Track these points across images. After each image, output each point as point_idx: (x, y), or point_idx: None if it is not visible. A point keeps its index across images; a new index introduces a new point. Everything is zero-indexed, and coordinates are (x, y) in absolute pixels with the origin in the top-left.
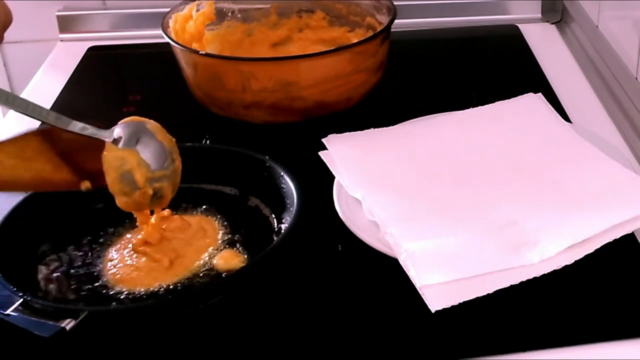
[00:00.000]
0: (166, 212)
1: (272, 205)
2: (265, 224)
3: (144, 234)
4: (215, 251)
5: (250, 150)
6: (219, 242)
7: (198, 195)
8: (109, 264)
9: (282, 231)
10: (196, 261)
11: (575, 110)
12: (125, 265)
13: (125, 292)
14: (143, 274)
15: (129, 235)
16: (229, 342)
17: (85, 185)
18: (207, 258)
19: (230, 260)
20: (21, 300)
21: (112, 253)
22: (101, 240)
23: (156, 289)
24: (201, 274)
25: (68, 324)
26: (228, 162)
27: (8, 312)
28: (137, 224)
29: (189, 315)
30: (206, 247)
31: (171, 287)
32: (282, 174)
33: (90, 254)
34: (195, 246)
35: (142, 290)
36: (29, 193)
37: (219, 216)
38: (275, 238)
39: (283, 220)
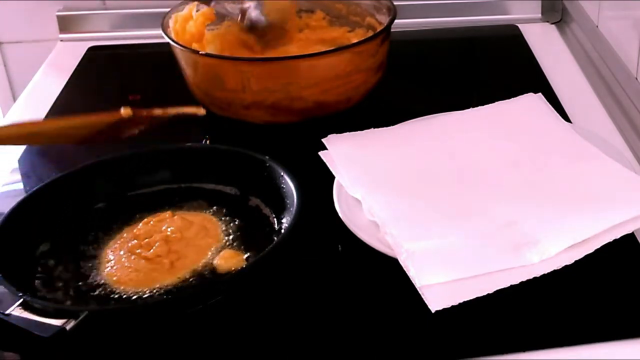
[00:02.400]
0: (167, 213)
1: (272, 205)
2: (265, 224)
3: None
4: (217, 251)
5: (250, 150)
6: (221, 241)
7: (199, 194)
8: (108, 264)
9: (282, 231)
10: (198, 261)
11: (575, 110)
12: (124, 266)
13: (125, 293)
14: (143, 275)
15: (125, 235)
16: (229, 342)
17: (127, 111)
18: (209, 258)
19: (230, 259)
20: (21, 300)
21: (110, 254)
22: (100, 240)
23: (156, 289)
24: (201, 274)
25: (68, 324)
26: (229, 162)
27: (8, 312)
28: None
29: (189, 315)
30: (208, 247)
31: (171, 287)
32: (282, 174)
33: (89, 254)
34: (197, 246)
35: (140, 290)
36: (27, 194)
37: (219, 216)
38: (275, 238)
39: (283, 220)
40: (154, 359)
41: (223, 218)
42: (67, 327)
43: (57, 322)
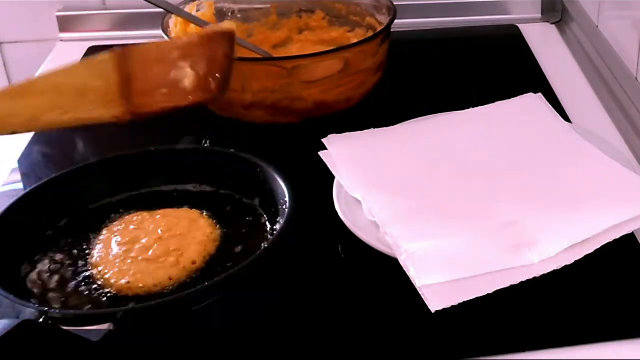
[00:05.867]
0: (145, 214)
1: (266, 207)
2: (260, 225)
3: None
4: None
5: (243, 153)
6: (215, 229)
7: (191, 196)
8: (106, 271)
9: (276, 231)
10: (201, 252)
11: (575, 110)
12: (122, 270)
13: (137, 295)
14: (149, 275)
15: (116, 228)
16: (228, 342)
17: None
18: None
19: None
20: (43, 314)
21: (99, 260)
22: (97, 240)
23: (170, 287)
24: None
25: (110, 327)
26: (222, 164)
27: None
28: None
29: (188, 315)
30: (204, 236)
31: (183, 282)
32: (275, 176)
33: (86, 255)
34: (196, 239)
35: (155, 290)
36: (21, 195)
37: (212, 219)
38: (270, 237)
39: (278, 220)
40: (153, 358)
41: (217, 219)
42: (112, 329)
43: (99, 327)
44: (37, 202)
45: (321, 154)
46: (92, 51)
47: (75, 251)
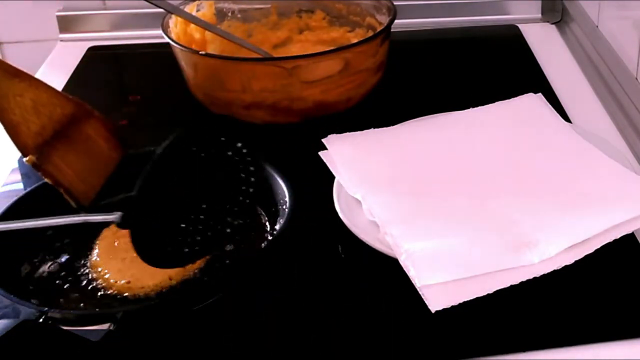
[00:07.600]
0: None
1: (266, 207)
2: (260, 225)
3: None
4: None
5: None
6: None
7: None
8: (104, 272)
9: (276, 231)
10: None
11: (575, 110)
12: (121, 270)
13: (138, 295)
14: (149, 275)
15: (116, 228)
16: (228, 342)
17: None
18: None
19: None
20: (42, 314)
21: (98, 261)
22: (97, 240)
23: (171, 286)
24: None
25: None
26: None
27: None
28: None
29: (188, 315)
30: None
31: (183, 281)
32: (275, 176)
33: (86, 255)
34: None
35: (155, 290)
36: (21, 195)
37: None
38: (270, 238)
39: (278, 220)
40: (153, 358)
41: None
42: (112, 329)
43: (99, 327)
44: (37, 202)
45: (321, 154)
46: (92, 51)
47: (75, 251)
